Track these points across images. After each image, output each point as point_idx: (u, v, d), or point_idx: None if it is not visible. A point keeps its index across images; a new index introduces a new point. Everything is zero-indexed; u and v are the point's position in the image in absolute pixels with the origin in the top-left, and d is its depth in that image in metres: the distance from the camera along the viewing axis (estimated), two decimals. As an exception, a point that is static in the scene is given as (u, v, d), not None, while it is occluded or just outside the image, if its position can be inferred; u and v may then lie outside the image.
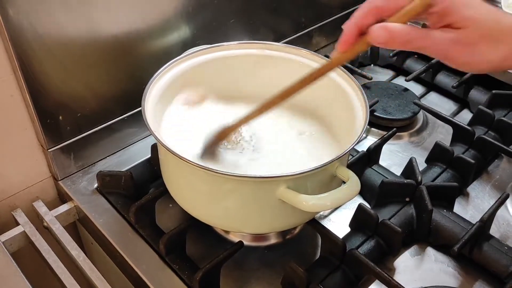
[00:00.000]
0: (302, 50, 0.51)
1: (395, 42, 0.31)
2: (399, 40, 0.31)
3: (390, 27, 0.31)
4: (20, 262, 0.47)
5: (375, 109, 0.64)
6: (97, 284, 0.46)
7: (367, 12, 0.33)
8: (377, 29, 0.32)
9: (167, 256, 0.46)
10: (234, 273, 0.47)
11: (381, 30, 0.31)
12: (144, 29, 0.54)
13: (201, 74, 0.51)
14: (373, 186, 0.53)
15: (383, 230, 0.47)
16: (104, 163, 0.57)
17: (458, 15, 0.31)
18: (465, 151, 0.57)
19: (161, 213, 0.52)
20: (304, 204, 0.37)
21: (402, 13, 0.32)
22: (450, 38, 0.32)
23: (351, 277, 0.45)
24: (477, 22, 0.31)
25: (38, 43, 0.46)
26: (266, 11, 0.67)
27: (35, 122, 0.50)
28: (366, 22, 0.33)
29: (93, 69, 0.52)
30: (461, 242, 0.45)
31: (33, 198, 0.55)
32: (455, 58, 0.33)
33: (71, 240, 0.50)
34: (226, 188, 0.40)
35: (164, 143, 0.40)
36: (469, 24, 0.31)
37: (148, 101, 0.45)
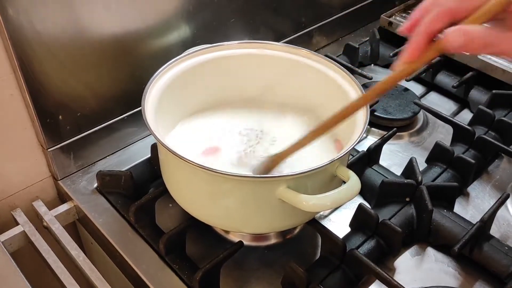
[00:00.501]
0: (302, 49, 0.51)
1: (474, 45, 0.29)
2: (478, 43, 0.29)
3: (468, 30, 0.29)
4: (20, 262, 0.47)
5: (375, 109, 0.64)
6: (97, 284, 0.46)
7: (439, 16, 0.30)
8: (453, 32, 0.29)
9: (167, 256, 0.46)
10: (234, 273, 0.47)
11: (458, 33, 0.29)
12: (144, 29, 0.54)
13: (201, 74, 0.51)
14: (373, 186, 0.53)
15: (383, 230, 0.47)
16: (104, 162, 0.57)
17: None
18: (465, 151, 0.57)
19: (161, 213, 0.51)
20: (304, 204, 0.37)
21: (479, 14, 0.29)
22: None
23: (351, 277, 0.45)
24: None
25: (38, 43, 0.46)
26: (266, 10, 0.67)
27: (35, 121, 0.50)
28: (437, 27, 0.31)
29: (93, 68, 0.52)
30: (461, 242, 0.45)
31: (33, 197, 0.55)
32: None
33: (71, 240, 0.50)
34: (226, 187, 0.40)
35: (164, 143, 0.39)
36: None
37: (148, 100, 0.45)
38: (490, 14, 0.29)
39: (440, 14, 0.30)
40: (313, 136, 0.40)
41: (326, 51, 0.76)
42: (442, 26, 0.31)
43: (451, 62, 0.70)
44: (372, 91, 0.36)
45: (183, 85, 0.50)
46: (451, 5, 0.30)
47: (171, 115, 0.50)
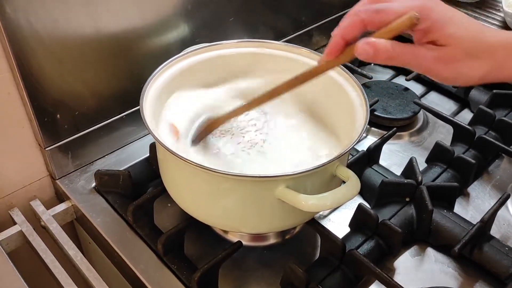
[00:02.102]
0: (302, 48, 0.51)
1: (379, 57, 0.32)
2: (383, 56, 0.32)
3: (375, 43, 0.32)
4: (17, 261, 0.47)
5: (375, 108, 0.64)
6: (94, 284, 0.45)
7: (353, 25, 0.34)
8: (362, 44, 0.32)
9: (165, 256, 0.46)
10: (232, 273, 0.47)
11: (366, 45, 0.32)
12: (142, 27, 0.54)
13: (200, 72, 0.51)
14: (373, 186, 0.53)
15: (383, 230, 0.47)
16: (102, 162, 0.57)
17: (441, 33, 0.33)
18: (465, 151, 0.57)
19: (160, 213, 0.51)
20: (304, 204, 0.36)
21: (388, 29, 0.32)
22: (433, 56, 0.33)
23: (350, 277, 0.45)
24: (458, 40, 0.33)
25: (35, 41, 0.46)
26: (266, 9, 0.67)
27: (33, 120, 0.50)
28: (351, 34, 0.34)
29: (91, 67, 0.52)
30: (461, 243, 0.44)
31: (31, 197, 0.55)
32: (438, 74, 0.34)
33: (68, 239, 0.50)
34: (225, 187, 0.40)
35: (163, 142, 0.39)
36: (451, 42, 0.33)
37: (146, 99, 0.44)
38: (397, 31, 0.32)
39: (353, 23, 0.34)
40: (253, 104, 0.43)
41: (326, 50, 0.76)
42: (356, 33, 0.34)
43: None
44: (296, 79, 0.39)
45: (182, 84, 0.49)
46: (364, 17, 0.33)
47: (170, 114, 0.50)
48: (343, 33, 0.34)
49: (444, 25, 0.32)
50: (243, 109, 0.44)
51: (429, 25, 0.32)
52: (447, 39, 0.33)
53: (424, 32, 0.33)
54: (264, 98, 0.42)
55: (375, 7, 0.33)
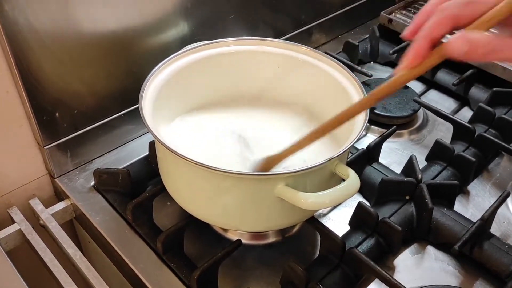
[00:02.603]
0: (301, 46, 0.51)
1: (478, 53, 0.28)
2: (482, 51, 0.28)
3: (472, 38, 0.28)
4: (16, 260, 0.47)
5: (375, 106, 0.64)
6: (94, 283, 0.45)
7: (442, 21, 0.29)
8: (457, 40, 0.28)
9: (164, 254, 0.46)
10: (232, 272, 0.47)
11: (461, 41, 0.28)
12: (142, 25, 0.54)
13: (200, 70, 0.50)
14: (373, 184, 0.53)
15: (383, 228, 0.47)
16: (101, 160, 0.57)
17: None
18: (465, 149, 0.57)
19: (159, 211, 0.51)
20: (303, 202, 0.36)
21: (484, 19, 0.28)
22: None
23: (350, 276, 0.44)
24: None
25: (34, 39, 0.46)
26: (266, 7, 0.67)
27: (31, 118, 0.50)
28: (440, 33, 0.30)
29: (90, 65, 0.51)
30: (461, 241, 0.44)
31: (29, 195, 0.55)
32: None
33: (68, 238, 0.50)
34: (224, 185, 0.40)
35: (162, 140, 0.39)
36: None
37: (145, 98, 0.44)
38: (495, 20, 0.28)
39: (443, 19, 0.30)
40: (311, 138, 0.39)
41: (325, 49, 0.76)
42: (445, 32, 0.30)
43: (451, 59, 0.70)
44: (372, 95, 0.35)
45: (181, 82, 0.49)
46: (455, 11, 0.29)
47: (169, 112, 0.50)
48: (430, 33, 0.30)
49: None
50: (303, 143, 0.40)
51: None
52: None
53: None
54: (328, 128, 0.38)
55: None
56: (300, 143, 0.40)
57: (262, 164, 0.43)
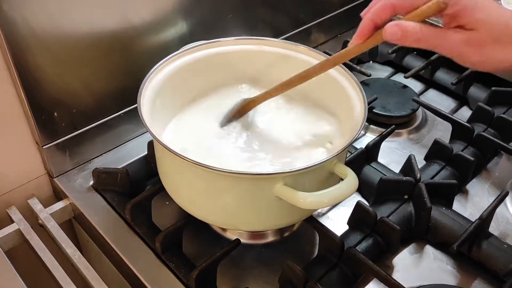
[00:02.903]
0: (300, 46, 0.51)
1: (408, 39, 0.33)
2: (412, 38, 0.33)
3: (404, 25, 0.33)
4: (15, 260, 0.47)
5: (374, 106, 0.64)
6: (93, 283, 0.45)
7: (383, 8, 0.34)
8: (391, 26, 0.33)
9: (163, 254, 0.46)
10: (231, 271, 0.47)
11: (395, 27, 0.33)
12: (140, 25, 0.53)
13: (198, 70, 0.50)
14: (372, 184, 0.53)
15: (381, 227, 0.47)
16: (100, 160, 0.57)
17: (470, 18, 0.33)
18: (464, 149, 0.57)
19: (158, 211, 0.51)
20: (302, 202, 0.36)
21: (416, 13, 0.33)
22: (462, 39, 0.33)
23: (349, 275, 0.44)
24: (487, 25, 0.33)
25: (32, 38, 0.46)
26: (265, 6, 0.67)
27: (30, 118, 0.50)
28: (381, 18, 0.35)
29: (89, 64, 0.51)
30: (460, 240, 0.44)
31: (28, 195, 0.55)
32: (467, 58, 0.34)
33: (66, 238, 0.50)
34: (223, 185, 0.40)
35: (160, 140, 0.39)
36: (479, 26, 0.33)
37: (144, 97, 0.44)
38: (426, 15, 0.33)
39: (385, 6, 0.34)
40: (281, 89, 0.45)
41: (324, 48, 0.76)
42: (386, 17, 0.35)
43: (450, 59, 0.70)
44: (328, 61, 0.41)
45: (180, 81, 0.49)
46: (394, 1, 0.34)
47: (168, 111, 0.50)
48: (373, 16, 0.35)
49: (472, 10, 0.33)
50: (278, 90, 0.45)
51: (456, 10, 0.33)
52: (476, 24, 0.33)
53: (452, 16, 0.33)
54: (295, 81, 0.43)
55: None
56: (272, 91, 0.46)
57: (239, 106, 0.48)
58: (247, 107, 0.48)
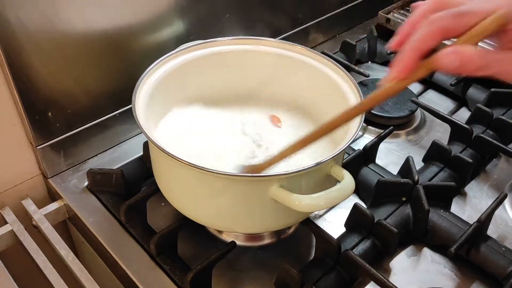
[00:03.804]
0: (296, 46, 0.50)
1: (468, 68, 0.28)
2: (473, 66, 0.28)
3: (462, 52, 0.28)
4: (8, 262, 0.46)
5: (372, 107, 0.63)
6: (86, 284, 0.45)
7: (432, 34, 0.29)
8: (448, 55, 0.28)
9: (158, 256, 0.45)
10: (226, 273, 0.46)
11: (452, 56, 0.28)
12: (136, 24, 0.53)
13: (194, 70, 0.50)
14: (369, 185, 0.52)
15: (379, 230, 0.46)
16: (95, 160, 0.56)
17: None
18: (463, 150, 0.57)
19: (153, 212, 0.51)
20: (297, 204, 0.36)
21: (473, 33, 0.28)
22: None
23: (345, 278, 0.44)
24: None
25: (26, 37, 0.45)
26: (262, 6, 0.66)
27: (24, 118, 0.49)
28: (429, 45, 0.29)
29: (83, 64, 0.51)
30: (458, 243, 0.44)
31: (22, 196, 0.54)
32: None
33: (60, 239, 0.49)
34: (217, 186, 0.39)
35: (155, 141, 0.38)
36: None
37: (139, 96, 0.44)
38: (485, 34, 0.28)
39: (433, 31, 0.29)
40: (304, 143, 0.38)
41: (323, 48, 0.75)
42: (434, 44, 0.29)
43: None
44: (361, 105, 0.35)
45: (176, 81, 0.49)
46: (445, 23, 0.29)
47: (163, 112, 0.49)
48: (419, 45, 0.29)
49: None
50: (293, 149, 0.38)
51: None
52: None
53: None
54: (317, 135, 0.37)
55: (457, 10, 0.28)
56: (292, 148, 0.38)
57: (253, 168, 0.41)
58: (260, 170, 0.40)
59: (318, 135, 0.37)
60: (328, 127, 0.36)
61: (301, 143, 0.38)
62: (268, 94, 0.53)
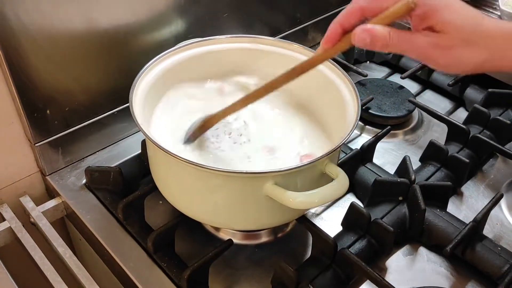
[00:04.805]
0: (294, 44, 0.50)
1: (376, 44, 0.32)
2: (380, 43, 0.32)
3: (372, 30, 0.32)
4: (5, 259, 0.46)
5: (370, 106, 0.63)
6: (83, 281, 0.45)
7: (351, 12, 0.34)
8: (360, 31, 0.32)
9: (155, 253, 0.46)
10: (223, 271, 0.46)
11: (363, 32, 0.32)
12: (135, 23, 0.53)
13: (192, 67, 0.50)
14: (366, 185, 0.52)
15: (375, 229, 0.46)
16: (93, 158, 0.56)
17: (438, 19, 0.32)
18: (459, 150, 0.57)
19: (151, 210, 0.51)
20: (291, 201, 0.36)
21: (385, 15, 0.32)
22: (430, 42, 0.33)
23: (342, 276, 0.44)
24: (456, 27, 0.32)
25: (24, 35, 0.45)
26: (261, 5, 0.66)
27: (22, 116, 0.49)
28: (350, 22, 0.34)
29: (82, 62, 0.51)
30: (454, 242, 0.44)
31: (20, 193, 0.54)
32: (435, 61, 0.33)
33: (58, 236, 0.49)
34: (214, 183, 0.40)
35: (152, 138, 0.39)
36: (449, 28, 0.32)
37: (136, 94, 0.44)
38: (395, 16, 0.32)
39: (352, 10, 0.34)
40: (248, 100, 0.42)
41: (321, 48, 0.75)
42: (354, 21, 0.34)
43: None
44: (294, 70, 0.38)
45: (173, 79, 0.49)
46: (362, 4, 0.33)
47: (161, 109, 0.49)
48: (341, 20, 0.34)
49: (441, 11, 0.32)
50: (239, 105, 0.43)
51: (425, 10, 0.32)
52: (444, 26, 0.32)
53: (421, 18, 0.32)
54: (261, 92, 0.41)
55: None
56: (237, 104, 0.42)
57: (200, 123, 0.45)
58: (209, 124, 0.45)
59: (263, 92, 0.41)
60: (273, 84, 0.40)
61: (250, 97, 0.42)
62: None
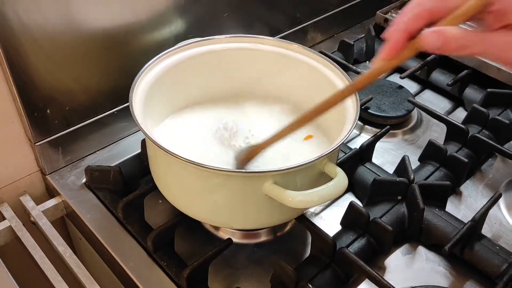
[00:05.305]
0: (293, 44, 0.50)
1: (450, 47, 0.29)
2: (454, 45, 0.29)
3: (444, 32, 0.29)
4: (6, 258, 0.46)
5: (369, 106, 0.64)
6: (83, 280, 0.45)
7: (417, 15, 0.30)
8: (430, 34, 0.29)
9: (155, 253, 0.46)
10: (223, 270, 0.46)
11: (434, 35, 0.29)
12: (135, 22, 0.53)
13: (191, 67, 0.50)
14: (365, 184, 0.52)
15: (374, 228, 0.46)
16: (93, 157, 0.57)
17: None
18: (458, 150, 0.57)
19: (151, 209, 0.51)
20: (290, 200, 0.36)
21: (457, 14, 0.29)
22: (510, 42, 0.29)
23: (341, 276, 0.44)
24: None
25: (24, 35, 0.45)
26: (261, 5, 0.66)
27: (22, 115, 0.50)
28: (415, 26, 0.31)
29: (82, 62, 0.51)
30: (452, 242, 0.44)
31: (20, 192, 0.55)
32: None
33: (58, 235, 0.49)
34: (214, 182, 0.40)
35: (152, 137, 0.39)
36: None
37: (136, 94, 0.44)
38: (468, 15, 0.29)
39: (419, 13, 0.30)
40: (293, 127, 0.39)
41: (321, 47, 0.76)
42: (421, 25, 0.31)
43: (446, 60, 0.70)
44: (353, 86, 0.36)
45: (173, 79, 0.49)
46: (430, 5, 0.30)
47: (161, 109, 0.49)
48: (408, 26, 0.31)
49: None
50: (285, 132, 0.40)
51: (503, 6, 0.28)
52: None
53: (498, 15, 0.29)
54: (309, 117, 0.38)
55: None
56: (282, 132, 0.40)
57: (244, 153, 0.43)
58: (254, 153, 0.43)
59: (312, 116, 0.38)
60: (322, 107, 0.37)
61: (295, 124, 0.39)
62: (265, 92, 0.53)
